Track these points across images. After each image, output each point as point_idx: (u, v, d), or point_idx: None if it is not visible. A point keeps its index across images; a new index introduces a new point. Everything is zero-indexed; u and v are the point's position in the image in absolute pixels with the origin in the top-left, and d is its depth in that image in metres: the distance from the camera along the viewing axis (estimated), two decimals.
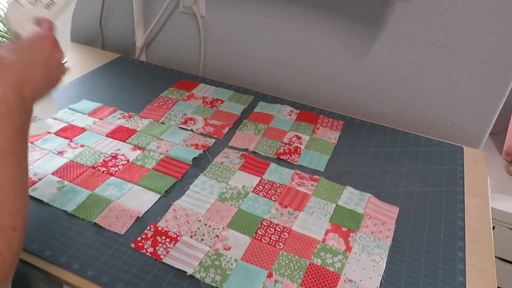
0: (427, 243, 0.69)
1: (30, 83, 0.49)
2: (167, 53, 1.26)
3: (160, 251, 0.63)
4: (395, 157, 0.88)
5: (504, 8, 0.83)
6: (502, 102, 0.93)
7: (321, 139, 0.91)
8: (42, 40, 0.54)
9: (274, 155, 0.85)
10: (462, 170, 0.86)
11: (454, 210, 0.76)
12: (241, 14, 1.08)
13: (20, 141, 0.45)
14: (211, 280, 0.59)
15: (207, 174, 0.79)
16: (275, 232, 0.68)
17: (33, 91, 0.49)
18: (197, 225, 0.68)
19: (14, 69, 0.48)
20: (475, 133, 0.98)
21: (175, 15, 1.18)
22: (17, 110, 0.45)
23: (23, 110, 0.46)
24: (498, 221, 1.06)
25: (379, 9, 0.93)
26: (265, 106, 1.02)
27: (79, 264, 0.61)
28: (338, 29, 1.00)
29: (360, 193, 0.77)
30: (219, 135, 0.90)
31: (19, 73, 0.48)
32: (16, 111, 0.45)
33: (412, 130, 1.03)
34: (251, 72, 1.17)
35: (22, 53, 0.50)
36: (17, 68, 0.48)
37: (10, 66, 0.48)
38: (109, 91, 1.04)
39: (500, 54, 0.87)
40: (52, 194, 0.72)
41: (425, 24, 0.91)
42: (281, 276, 0.61)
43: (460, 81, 0.94)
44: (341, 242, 0.67)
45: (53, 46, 0.54)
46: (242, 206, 0.72)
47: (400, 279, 0.62)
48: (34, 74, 0.50)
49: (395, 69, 0.99)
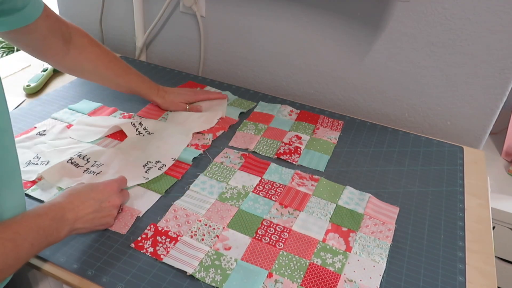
0: (427, 243, 0.69)
1: (77, 210, 0.59)
2: (167, 53, 1.26)
3: (160, 251, 0.63)
4: (395, 157, 0.88)
5: (504, 8, 0.83)
6: (502, 102, 0.93)
7: (321, 139, 0.91)
8: (106, 185, 0.65)
9: (274, 155, 0.85)
10: (462, 170, 0.86)
11: (454, 210, 0.76)
12: (241, 14, 1.08)
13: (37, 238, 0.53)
14: (211, 280, 0.59)
15: (207, 174, 0.79)
16: (275, 232, 0.68)
17: (76, 217, 0.59)
18: (197, 225, 0.68)
19: (71, 194, 0.61)
20: (475, 133, 0.98)
21: (175, 15, 1.18)
22: (54, 219, 0.56)
23: (56, 223, 0.56)
24: (498, 221, 1.06)
25: (379, 9, 0.93)
26: (265, 106, 1.02)
27: (79, 264, 0.61)
28: (338, 29, 1.00)
29: (360, 193, 0.77)
30: (216, 136, 0.90)
31: (73, 200, 0.60)
32: (52, 220, 0.55)
33: (412, 130, 1.03)
34: (251, 72, 1.17)
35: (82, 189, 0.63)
36: (73, 197, 0.60)
37: (68, 193, 0.61)
38: (109, 91, 1.03)
39: (500, 54, 0.87)
40: (52, 194, 0.72)
41: (425, 24, 0.91)
42: (281, 276, 0.61)
43: (460, 81, 0.94)
44: (341, 242, 0.67)
45: (112, 193, 0.65)
46: (242, 206, 0.72)
47: (400, 279, 0.62)
48: (85, 205, 0.60)
49: (395, 69, 0.99)
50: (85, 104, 0.98)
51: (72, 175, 0.74)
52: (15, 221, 0.51)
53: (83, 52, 0.82)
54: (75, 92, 1.03)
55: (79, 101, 0.99)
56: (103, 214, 0.63)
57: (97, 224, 0.63)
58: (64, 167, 0.74)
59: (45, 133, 0.85)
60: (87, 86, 1.06)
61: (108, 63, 0.86)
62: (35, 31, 0.70)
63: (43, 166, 0.75)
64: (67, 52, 0.80)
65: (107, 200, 0.64)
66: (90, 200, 0.61)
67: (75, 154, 0.78)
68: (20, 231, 0.50)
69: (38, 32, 0.71)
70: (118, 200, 0.66)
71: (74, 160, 0.76)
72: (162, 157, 0.81)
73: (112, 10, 1.27)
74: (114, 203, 0.65)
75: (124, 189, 0.71)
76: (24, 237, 0.51)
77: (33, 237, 0.52)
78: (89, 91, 1.04)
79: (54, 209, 0.57)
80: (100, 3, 1.26)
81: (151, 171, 0.77)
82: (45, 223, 0.54)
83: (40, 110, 0.95)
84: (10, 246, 0.49)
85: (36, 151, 0.79)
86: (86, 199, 0.61)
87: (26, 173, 0.74)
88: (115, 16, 1.27)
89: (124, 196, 0.69)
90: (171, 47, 1.24)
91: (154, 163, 0.79)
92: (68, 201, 0.59)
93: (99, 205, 0.62)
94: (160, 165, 0.79)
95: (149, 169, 0.77)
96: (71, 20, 0.81)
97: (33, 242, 0.52)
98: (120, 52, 1.32)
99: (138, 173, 0.76)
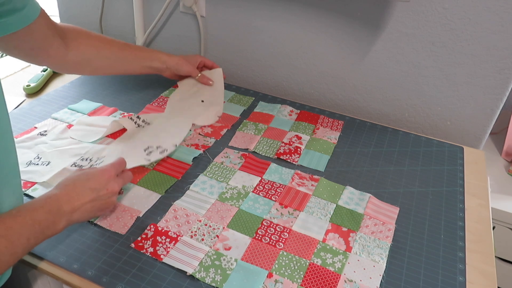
0: (427, 243, 0.69)
1: (73, 201, 0.58)
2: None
3: (160, 251, 0.63)
4: (395, 157, 0.88)
5: (504, 8, 0.83)
6: (502, 102, 0.93)
7: (321, 139, 0.91)
8: (102, 172, 0.64)
9: (274, 155, 0.85)
10: (462, 170, 0.86)
11: (454, 210, 0.76)
12: (241, 14, 1.08)
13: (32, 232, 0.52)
14: (211, 280, 0.59)
15: (207, 174, 0.79)
16: (275, 232, 0.68)
17: (73, 208, 0.58)
18: (197, 225, 0.68)
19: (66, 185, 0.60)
20: (475, 133, 0.98)
21: (175, 15, 1.18)
22: (49, 213, 0.55)
23: (52, 216, 0.55)
24: (498, 221, 1.06)
25: (379, 9, 0.93)
26: (265, 106, 1.02)
27: (79, 264, 0.61)
28: (338, 29, 1.00)
29: (360, 193, 0.77)
30: (217, 136, 0.90)
31: (69, 191, 0.59)
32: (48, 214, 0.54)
33: (412, 130, 1.03)
34: (251, 72, 1.17)
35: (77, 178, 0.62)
36: (69, 188, 0.59)
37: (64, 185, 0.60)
38: (109, 91, 1.03)
39: (500, 54, 0.87)
40: None
41: (425, 24, 0.91)
42: (281, 276, 0.61)
43: (460, 81, 0.94)
44: (341, 242, 0.67)
45: (109, 179, 0.64)
46: (242, 206, 0.72)
47: (400, 279, 0.62)
48: (81, 196, 0.59)
49: (395, 69, 0.99)
50: (85, 104, 0.98)
51: None
52: (10, 215, 0.51)
53: (81, 42, 0.83)
54: (75, 92, 1.03)
55: (79, 101, 0.99)
56: (102, 202, 0.63)
57: (96, 212, 0.63)
58: (68, 171, 0.75)
59: (46, 133, 0.85)
60: (87, 86, 1.06)
61: (109, 43, 0.87)
62: (37, 30, 0.70)
63: (43, 167, 0.75)
64: (67, 47, 0.80)
65: (104, 188, 0.62)
66: (86, 190, 0.60)
67: (78, 158, 0.78)
68: (14, 226, 0.50)
69: (40, 31, 0.71)
70: (116, 186, 0.64)
71: (78, 164, 0.77)
72: (163, 143, 0.81)
73: (112, 10, 1.27)
74: (112, 190, 0.64)
75: (125, 170, 0.69)
76: (20, 232, 0.50)
77: (28, 231, 0.51)
78: (89, 91, 1.04)
79: (50, 201, 0.56)
80: (100, 3, 1.26)
81: (152, 154, 0.77)
82: (41, 216, 0.53)
83: (40, 110, 0.95)
84: (5, 243, 0.48)
85: (37, 151, 0.79)
86: (82, 190, 0.60)
87: (26, 173, 0.74)
88: (115, 16, 1.27)
89: (124, 179, 0.67)
90: (171, 47, 1.24)
91: (155, 148, 0.79)
92: (64, 192, 0.58)
93: (97, 194, 0.61)
94: (161, 150, 0.78)
95: (150, 153, 0.77)
96: (71, 20, 0.82)
97: (29, 236, 0.51)
98: None
99: (139, 155, 0.76)
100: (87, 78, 1.09)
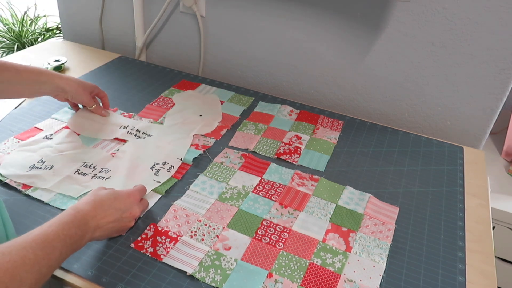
0: (427, 243, 0.69)
1: (99, 219, 0.59)
2: (167, 53, 1.26)
3: (160, 251, 0.63)
4: (395, 157, 0.88)
5: (504, 8, 0.83)
6: (502, 102, 0.93)
7: (321, 139, 0.91)
8: (129, 195, 0.65)
9: (274, 155, 0.85)
10: (462, 170, 0.86)
11: (454, 210, 0.76)
12: (241, 14, 1.08)
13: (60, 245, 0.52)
14: (211, 280, 0.59)
15: (207, 174, 0.79)
16: (275, 232, 0.68)
17: (97, 225, 0.59)
18: (197, 225, 0.68)
19: (94, 201, 0.60)
20: (475, 133, 0.98)
21: (175, 15, 1.18)
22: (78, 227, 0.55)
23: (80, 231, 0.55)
24: (498, 221, 1.06)
25: (379, 9, 0.93)
26: (265, 106, 1.02)
27: (79, 264, 0.61)
28: (338, 29, 1.00)
29: (360, 193, 0.77)
30: (217, 136, 0.90)
31: (96, 207, 0.59)
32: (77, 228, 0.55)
33: (412, 130, 1.03)
34: (251, 72, 1.17)
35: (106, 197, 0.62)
36: (97, 205, 0.60)
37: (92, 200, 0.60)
38: (109, 91, 1.03)
39: (500, 54, 0.87)
40: (52, 194, 0.72)
41: (425, 24, 0.91)
42: (281, 276, 0.61)
43: (460, 81, 0.94)
44: (341, 242, 0.67)
45: (134, 203, 0.65)
46: (242, 206, 0.72)
47: (400, 279, 0.62)
48: (106, 214, 0.60)
49: (395, 69, 0.99)
50: None
51: (80, 182, 0.74)
52: (42, 229, 0.51)
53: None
54: None
55: None
56: (122, 224, 0.63)
57: (114, 232, 0.63)
58: (71, 178, 0.75)
59: (52, 137, 0.85)
60: None
61: (6, 68, 0.79)
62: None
63: (46, 171, 0.75)
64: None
65: (128, 210, 0.63)
66: (112, 210, 0.61)
67: (81, 164, 0.78)
68: (48, 240, 0.50)
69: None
70: (138, 211, 0.66)
71: (81, 171, 0.77)
72: (168, 158, 0.81)
73: (112, 10, 1.27)
74: (134, 214, 0.65)
75: (143, 198, 0.70)
76: (54, 245, 0.50)
77: (61, 244, 0.51)
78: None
79: (79, 216, 0.56)
80: (100, 3, 1.26)
81: (160, 174, 0.77)
82: (71, 231, 0.54)
83: (40, 110, 0.95)
84: (42, 255, 0.48)
85: (41, 154, 0.79)
86: (109, 208, 0.61)
87: (29, 177, 0.74)
88: (115, 16, 1.27)
89: (144, 206, 0.69)
90: (171, 47, 1.24)
91: (161, 165, 0.79)
92: (92, 208, 0.59)
93: (120, 215, 0.62)
94: (168, 167, 0.79)
95: (158, 171, 0.77)
96: (71, 20, 0.81)
97: (61, 250, 0.51)
98: (120, 52, 1.32)
99: (148, 177, 0.76)
100: (87, 78, 1.09)
